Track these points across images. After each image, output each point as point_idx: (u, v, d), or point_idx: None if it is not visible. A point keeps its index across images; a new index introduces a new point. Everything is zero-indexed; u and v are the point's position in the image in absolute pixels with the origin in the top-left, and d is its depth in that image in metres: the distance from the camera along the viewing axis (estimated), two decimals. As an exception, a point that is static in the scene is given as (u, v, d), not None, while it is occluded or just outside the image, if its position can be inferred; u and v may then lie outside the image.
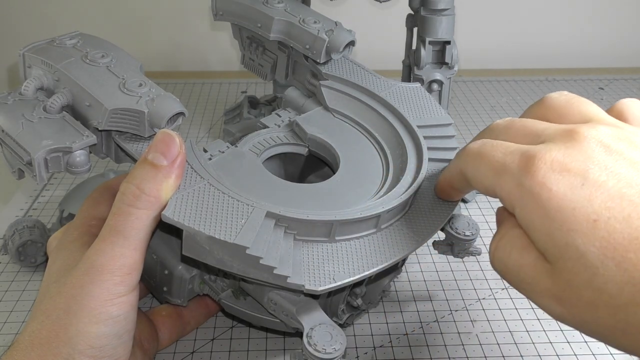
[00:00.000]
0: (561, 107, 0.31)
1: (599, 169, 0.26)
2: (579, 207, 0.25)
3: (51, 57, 0.38)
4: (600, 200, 0.25)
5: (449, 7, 0.54)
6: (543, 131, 0.29)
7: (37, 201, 0.60)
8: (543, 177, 0.26)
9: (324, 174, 0.45)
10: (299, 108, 0.47)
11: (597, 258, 0.24)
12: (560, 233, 0.25)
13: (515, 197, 0.27)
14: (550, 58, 0.95)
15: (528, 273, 0.27)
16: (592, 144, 0.27)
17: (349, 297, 0.40)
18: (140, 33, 0.93)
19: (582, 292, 0.25)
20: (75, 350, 0.30)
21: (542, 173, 0.26)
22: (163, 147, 0.32)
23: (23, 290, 0.47)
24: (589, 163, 0.26)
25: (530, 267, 0.27)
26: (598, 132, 0.27)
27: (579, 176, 0.26)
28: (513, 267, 0.28)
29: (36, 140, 0.33)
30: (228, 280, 0.39)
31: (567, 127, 0.28)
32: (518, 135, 0.30)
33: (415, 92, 0.47)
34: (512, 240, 0.28)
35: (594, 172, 0.26)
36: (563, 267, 0.25)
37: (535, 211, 0.26)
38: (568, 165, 0.26)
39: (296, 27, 0.47)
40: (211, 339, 0.43)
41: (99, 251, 0.31)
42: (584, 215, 0.25)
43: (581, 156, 0.26)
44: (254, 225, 0.32)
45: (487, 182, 0.29)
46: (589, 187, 0.25)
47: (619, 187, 0.25)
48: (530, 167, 0.27)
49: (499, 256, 0.29)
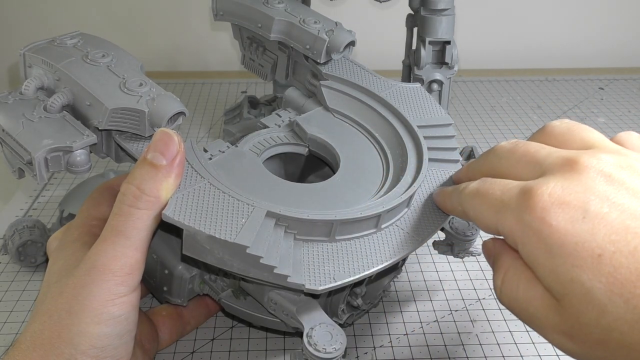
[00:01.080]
0: (562, 134, 0.31)
1: (600, 200, 0.25)
2: (581, 242, 0.24)
3: (52, 57, 0.38)
4: (603, 234, 0.24)
5: (449, 7, 0.54)
6: (545, 159, 0.28)
7: (37, 201, 0.60)
8: (542, 211, 0.25)
9: (324, 174, 0.45)
10: (299, 108, 0.47)
11: (604, 295, 0.23)
12: (564, 269, 0.24)
13: (517, 234, 0.27)
14: (550, 58, 0.95)
15: (537, 307, 0.26)
16: (592, 174, 0.26)
17: (349, 297, 0.40)
18: (141, 33, 0.93)
19: (591, 330, 0.24)
20: (77, 350, 0.30)
21: (541, 208, 0.26)
22: (162, 146, 0.32)
23: (23, 290, 0.47)
24: (589, 194, 0.25)
25: (538, 301, 0.26)
26: (599, 160, 0.27)
27: (579, 209, 0.25)
28: (522, 301, 0.27)
29: (36, 140, 0.33)
30: (228, 279, 0.39)
31: (568, 156, 0.28)
32: (521, 162, 0.30)
33: (415, 92, 0.47)
34: (518, 273, 0.28)
35: (594, 203, 0.25)
36: (570, 304, 0.25)
37: (537, 247, 0.26)
38: (567, 198, 0.25)
39: (296, 28, 0.47)
40: (211, 339, 0.43)
41: (101, 251, 0.31)
42: (588, 250, 0.24)
43: (581, 187, 0.26)
44: (254, 224, 0.32)
45: (488, 221, 0.29)
46: (591, 220, 0.25)
47: (622, 219, 0.24)
48: (528, 202, 0.26)
49: (506, 291, 0.28)
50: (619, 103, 0.81)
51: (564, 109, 0.78)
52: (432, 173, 0.40)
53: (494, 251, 0.31)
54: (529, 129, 0.73)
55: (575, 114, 0.77)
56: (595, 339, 0.24)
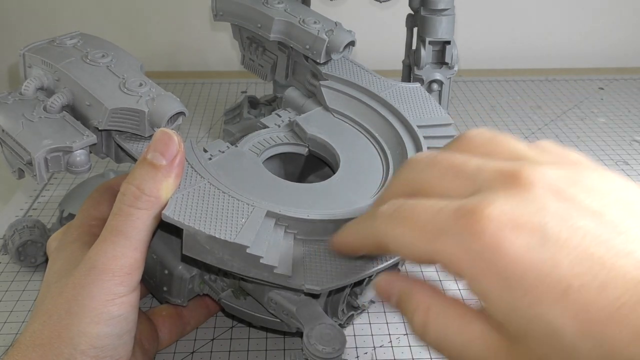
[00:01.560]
0: (484, 145, 0.26)
1: (556, 222, 0.21)
2: (543, 274, 0.21)
3: (51, 57, 0.38)
4: (566, 264, 0.20)
5: (449, 7, 0.54)
6: (477, 172, 0.24)
7: (37, 201, 0.60)
8: (492, 238, 0.21)
9: (324, 174, 0.45)
10: (299, 108, 0.47)
11: (575, 336, 0.20)
12: (526, 305, 0.21)
13: (464, 265, 0.22)
14: (550, 58, 0.95)
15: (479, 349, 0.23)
16: (540, 191, 0.22)
17: (349, 297, 0.40)
18: (141, 33, 0.93)
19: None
20: (77, 350, 0.30)
21: (490, 233, 0.21)
22: (162, 146, 0.32)
23: (23, 290, 0.47)
24: (543, 216, 0.21)
25: (479, 341, 0.23)
26: (544, 175, 0.23)
27: (536, 233, 0.21)
28: (457, 343, 0.23)
29: (36, 140, 0.33)
30: (228, 279, 0.39)
31: (506, 169, 0.23)
32: (446, 176, 0.25)
33: (415, 92, 0.47)
34: (444, 310, 0.24)
35: (551, 226, 0.21)
36: (530, 346, 0.21)
37: (491, 281, 0.21)
38: (519, 220, 0.21)
39: (296, 28, 0.47)
40: (211, 339, 0.43)
41: (100, 251, 0.31)
42: (552, 283, 0.20)
43: (532, 207, 0.22)
44: (254, 224, 0.32)
45: (418, 250, 0.24)
46: (551, 247, 0.21)
47: (585, 246, 0.21)
48: (473, 226, 0.22)
49: (433, 333, 0.24)
50: (619, 103, 0.81)
51: (564, 109, 0.78)
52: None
53: (398, 289, 0.26)
54: (529, 129, 0.73)
55: (575, 114, 0.77)
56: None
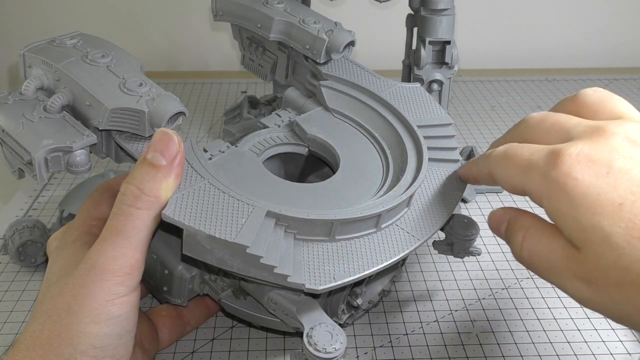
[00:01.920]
0: (594, 103, 0.32)
1: (624, 159, 0.27)
2: (604, 193, 0.26)
3: (51, 57, 0.38)
4: (625, 186, 0.26)
5: (449, 7, 0.54)
6: (573, 128, 0.30)
7: (37, 201, 0.60)
8: (569, 168, 0.27)
9: (324, 174, 0.45)
10: (299, 108, 0.47)
11: (623, 238, 0.25)
12: (586, 217, 0.26)
13: (543, 189, 0.28)
14: (550, 58, 0.95)
15: (558, 257, 0.28)
16: (618, 139, 0.28)
17: (349, 297, 0.40)
18: (141, 33, 0.93)
19: (609, 273, 0.25)
20: (77, 350, 0.30)
21: (568, 164, 0.27)
22: (162, 146, 0.33)
23: (23, 290, 0.47)
24: (615, 154, 0.27)
25: (559, 251, 0.28)
26: (625, 128, 0.29)
27: (604, 165, 0.27)
28: (543, 253, 0.29)
29: (36, 140, 0.33)
30: (228, 279, 0.39)
31: (596, 124, 0.29)
32: (550, 131, 0.31)
33: (415, 92, 0.47)
34: (540, 229, 0.30)
35: (619, 161, 0.27)
36: (590, 250, 0.26)
37: (561, 200, 0.27)
38: (593, 157, 0.27)
39: (296, 28, 0.47)
40: (211, 339, 0.43)
41: (100, 251, 0.31)
42: (609, 200, 0.26)
43: (607, 148, 0.28)
44: (254, 224, 0.32)
45: (515, 180, 0.30)
46: (614, 174, 0.27)
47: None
48: (556, 160, 0.28)
49: (528, 245, 0.30)
50: (619, 103, 0.80)
51: (564, 108, 0.78)
52: (432, 173, 0.40)
53: (508, 217, 0.33)
54: (529, 129, 0.73)
55: (575, 113, 0.77)
56: (612, 282, 0.25)
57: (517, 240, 0.31)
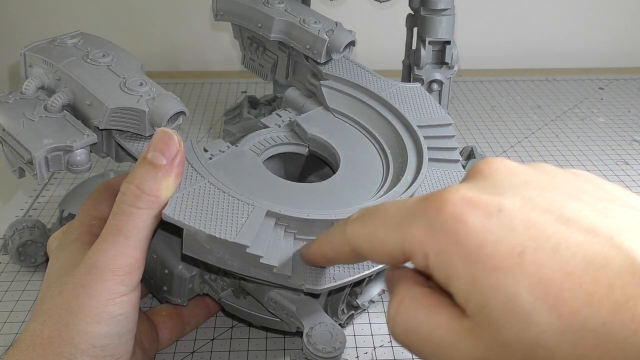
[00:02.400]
0: None
1: (512, 194, 0.22)
2: (501, 239, 0.21)
3: (52, 57, 0.38)
4: (521, 228, 0.21)
5: (449, 7, 0.54)
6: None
7: (37, 201, 0.60)
8: (453, 211, 0.22)
9: (324, 174, 0.45)
10: (300, 108, 0.47)
11: (528, 301, 0.20)
12: (485, 275, 0.21)
13: (428, 243, 0.23)
14: (550, 58, 0.95)
15: (443, 335, 0.22)
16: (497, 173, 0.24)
17: (349, 297, 0.40)
18: (141, 33, 0.93)
19: (513, 350, 0.20)
20: (77, 349, 0.30)
21: (451, 208, 0.22)
22: (162, 146, 0.33)
23: (23, 290, 0.47)
24: (500, 189, 0.23)
25: (443, 329, 0.22)
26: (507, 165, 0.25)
27: (493, 204, 0.22)
28: (422, 333, 0.23)
29: (37, 139, 0.33)
30: (228, 279, 0.39)
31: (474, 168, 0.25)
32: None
33: (415, 92, 0.47)
34: (416, 300, 0.24)
35: (507, 198, 0.22)
36: (488, 320, 0.21)
37: (453, 253, 0.22)
38: (478, 199, 0.22)
39: (297, 28, 0.47)
40: (211, 339, 0.43)
41: (101, 251, 0.31)
42: (508, 248, 0.21)
43: (489, 184, 0.23)
44: (254, 224, 0.32)
45: (388, 244, 0.24)
46: (507, 214, 0.22)
47: (538, 213, 0.22)
48: (437, 206, 0.22)
49: (401, 321, 0.24)
50: (619, 103, 0.81)
51: (564, 109, 0.78)
52: (432, 173, 0.40)
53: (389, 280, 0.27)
54: (529, 129, 0.73)
55: (575, 114, 0.77)
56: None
57: (390, 316, 0.25)
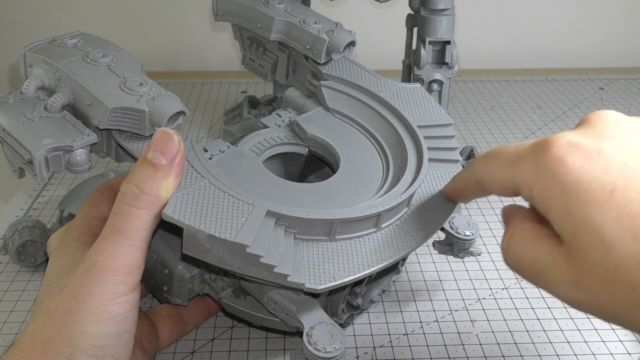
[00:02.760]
0: None
1: (614, 140, 0.26)
2: (595, 178, 0.24)
3: (52, 57, 0.38)
4: (617, 170, 0.24)
5: (449, 7, 0.54)
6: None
7: (37, 201, 0.60)
8: (559, 153, 0.26)
9: (324, 174, 0.45)
10: (300, 108, 0.47)
11: (613, 230, 0.23)
12: (577, 207, 0.25)
13: (533, 179, 0.27)
14: (550, 58, 0.95)
15: (544, 261, 0.27)
16: (605, 122, 0.27)
17: (349, 297, 0.40)
18: (141, 33, 0.93)
19: (598, 271, 0.24)
20: (77, 349, 0.30)
21: (558, 150, 0.26)
22: (162, 146, 0.33)
23: (23, 290, 0.47)
24: (604, 136, 0.26)
25: (545, 256, 0.26)
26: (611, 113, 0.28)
27: (594, 148, 0.25)
28: (528, 259, 0.27)
29: (37, 139, 0.33)
30: (228, 279, 0.39)
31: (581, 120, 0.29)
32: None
33: (415, 92, 0.47)
34: (524, 233, 0.28)
35: (609, 143, 0.26)
36: (578, 246, 0.25)
37: (552, 188, 0.26)
38: (583, 143, 0.26)
39: (296, 28, 0.47)
40: (211, 339, 0.43)
41: (100, 250, 0.31)
42: (601, 186, 0.24)
43: (594, 131, 0.27)
44: (254, 224, 0.32)
45: (503, 176, 0.29)
46: (605, 156, 0.25)
47: (635, 158, 0.25)
48: (545, 148, 0.26)
49: (512, 251, 0.28)
50: (619, 103, 0.81)
51: (564, 109, 0.78)
52: (432, 173, 0.40)
53: (506, 215, 0.31)
54: (529, 129, 0.73)
55: (575, 114, 0.77)
56: (601, 281, 0.24)
57: (503, 246, 0.29)
